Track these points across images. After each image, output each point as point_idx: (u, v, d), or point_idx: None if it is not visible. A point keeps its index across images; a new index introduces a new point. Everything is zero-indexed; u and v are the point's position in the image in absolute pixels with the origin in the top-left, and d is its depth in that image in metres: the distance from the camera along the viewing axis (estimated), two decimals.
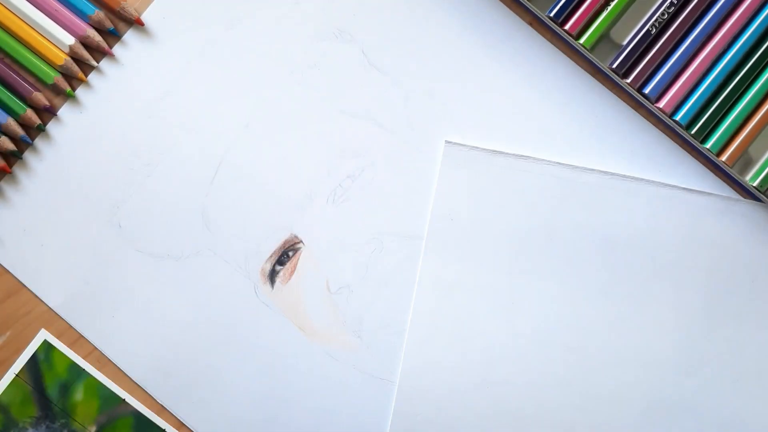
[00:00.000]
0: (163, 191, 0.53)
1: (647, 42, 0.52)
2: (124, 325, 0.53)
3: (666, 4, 0.52)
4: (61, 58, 0.53)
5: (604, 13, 0.52)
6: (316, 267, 0.53)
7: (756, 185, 0.51)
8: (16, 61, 0.54)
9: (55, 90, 0.54)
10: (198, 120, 0.54)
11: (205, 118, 0.54)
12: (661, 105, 0.52)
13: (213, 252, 0.53)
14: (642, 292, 0.52)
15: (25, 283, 0.53)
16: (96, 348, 0.53)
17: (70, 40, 0.53)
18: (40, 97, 0.53)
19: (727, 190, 0.53)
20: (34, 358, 0.52)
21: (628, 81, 0.52)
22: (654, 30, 0.52)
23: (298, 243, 0.53)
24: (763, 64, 0.52)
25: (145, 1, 0.54)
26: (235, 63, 0.54)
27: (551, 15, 0.52)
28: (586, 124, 0.54)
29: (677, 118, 0.52)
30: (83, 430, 0.52)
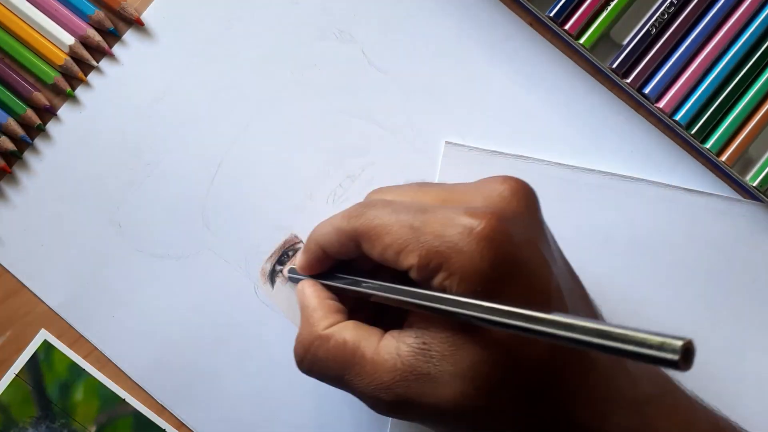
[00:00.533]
0: (163, 191, 0.53)
1: (647, 42, 0.52)
2: (124, 325, 0.53)
3: (666, 4, 0.52)
4: (61, 58, 0.53)
5: (604, 13, 0.52)
6: None
7: (756, 185, 0.51)
8: (16, 61, 0.54)
9: (55, 90, 0.54)
10: (198, 120, 0.54)
11: (205, 118, 0.54)
12: (661, 105, 0.52)
13: (213, 252, 0.53)
14: (642, 292, 0.52)
15: (25, 283, 0.53)
16: (96, 348, 0.52)
17: (70, 40, 0.53)
18: (40, 97, 0.53)
19: (727, 190, 0.53)
20: (34, 358, 0.52)
21: (628, 81, 0.52)
22: (654, 30, 0.52)
23: (298, 243, 0.53)
24: (763, 64, 0.52)
25: (145, 1, 0.54)
26: (235, 63, 0.54)
27: (551, 15, 0.52)
28: (586, 124, 0.54)
29: (677, 118, 0.52)
30: (83, 429, 0.52)
